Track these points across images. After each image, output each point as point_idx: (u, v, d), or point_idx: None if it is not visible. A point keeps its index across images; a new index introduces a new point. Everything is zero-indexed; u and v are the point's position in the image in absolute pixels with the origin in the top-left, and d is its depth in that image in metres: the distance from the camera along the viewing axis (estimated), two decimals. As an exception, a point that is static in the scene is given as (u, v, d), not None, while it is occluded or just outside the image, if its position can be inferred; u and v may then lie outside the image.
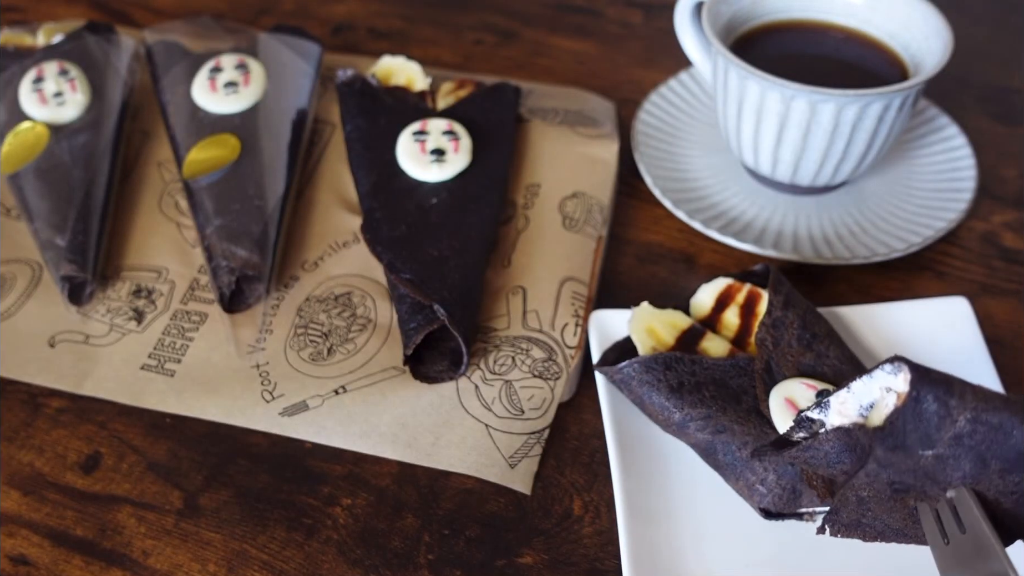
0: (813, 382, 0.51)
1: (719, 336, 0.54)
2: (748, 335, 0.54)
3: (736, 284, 0.56)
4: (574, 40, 0.80)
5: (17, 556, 0.51)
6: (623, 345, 0.55)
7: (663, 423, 0.52)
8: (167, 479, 0.53)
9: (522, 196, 0.64)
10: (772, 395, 0.51)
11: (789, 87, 0.58)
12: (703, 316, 0.56)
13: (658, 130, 0.70)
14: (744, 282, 0.56)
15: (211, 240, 0.60)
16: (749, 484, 0.50)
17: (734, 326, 0.55)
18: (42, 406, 0.57)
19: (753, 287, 0.56)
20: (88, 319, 0.59)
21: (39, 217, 0.61)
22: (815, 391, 0.51)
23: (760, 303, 0.55)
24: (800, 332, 0.53)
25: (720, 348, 0.53)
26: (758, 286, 0.56)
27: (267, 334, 0.58)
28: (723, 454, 0.50)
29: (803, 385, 0.51)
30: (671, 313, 0.55)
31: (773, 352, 0.52)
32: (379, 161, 0.64)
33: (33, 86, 0.66)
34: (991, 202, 0.67)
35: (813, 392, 0.51)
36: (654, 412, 0.52)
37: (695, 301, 0.56)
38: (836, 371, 0.52)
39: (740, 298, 0.55)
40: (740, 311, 0.55)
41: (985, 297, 0.62)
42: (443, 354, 0.56)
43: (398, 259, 0.57)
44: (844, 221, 0.65)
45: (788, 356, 0.52)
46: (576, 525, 0.52)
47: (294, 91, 0.68)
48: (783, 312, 0.54)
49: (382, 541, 0.51)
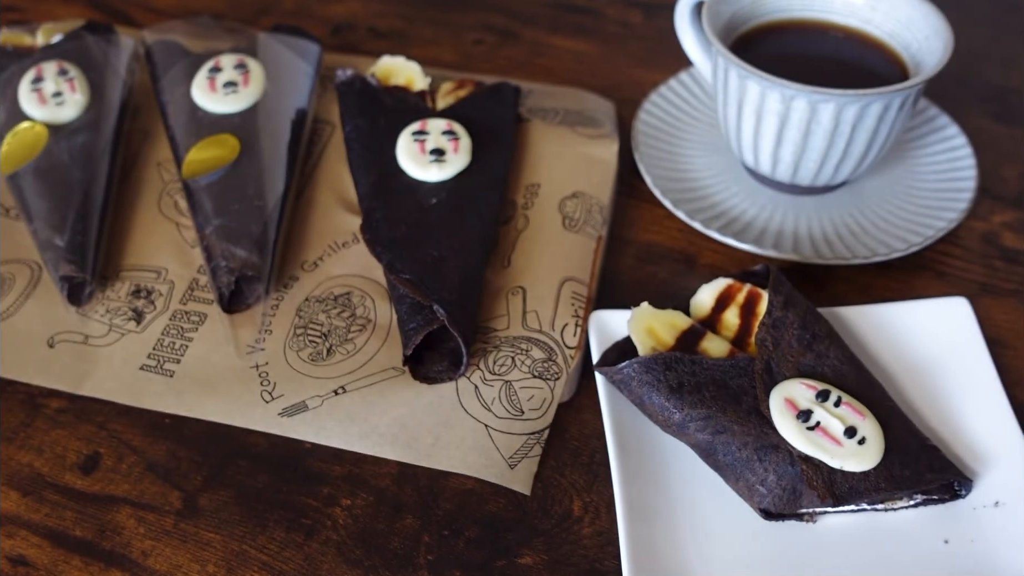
0: (813, 382, 0.51)
1: (719, 336, 0.54)
2: (748, 335, 0.54)
3: (736, 284, 0.56)
4: (574, 40, 0.80)
5: (16, 557, 0.50)
6: (623, 345, 0.55)
7: (663, 423, 0.52)
8: (166, 479, 0.53)
9: (522, 196, 0.64)
10: (772, 395, 0.51)
11: (789, 87, 0.58)
12: (703, 316, 0.55)
13: (658, 130, 0.70)
14: (744, 282, 0.56)
15: (210, 240, 0.60)
16: (749, 485, 0.49)
17: (734, 326, 0.55)
18: (41, 406, 0.56)
19: (753, 287, 0.56)
20: (87, 319, 0.59)
21: (38, 217, 0.61)
22: (815, 391, 0.50)
23: (760, 303, 0.55)
24: (800, 332, 0.53)
25: (720, 348, 0.53)
26: (758, 286, 0.56)
27: (266, 334, 0.58)
28: (723, 454, 0.50)
29: (803, 385, 0.51)
30: (671, 313, 0.55)
31: (773, 353, 0.52)
32: (379, 161, 0.64)
33: (32, 86, 0.66)
34: (991, 202, 0.67)
35: (813, 392, 0.50)
36: (654, 412, 0.52)
37: (695, 301, 0.56)
38: (836, 371, 0.52)
39: (740, 298, 0.55)
40: (740, 311, 0.55)
41: (985, 297, 0.62)
42: (443, 354, 0.56)
43: (398, 259, 0.57)
44: (844, 221, 0.65)
45: (788, 356, 0.52)
46: (576, 526, 0.51)
47: (294, 91, 0.68)
48: (783, 312, 0.54)
49: (382, 542, 0.51)
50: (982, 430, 0.53)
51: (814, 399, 0.50)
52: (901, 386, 0.55)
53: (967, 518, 0.50)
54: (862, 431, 0.49)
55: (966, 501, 0.50)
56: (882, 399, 0.52)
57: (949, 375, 0.55)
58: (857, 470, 0.49)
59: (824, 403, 0.50)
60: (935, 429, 0.53)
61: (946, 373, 0.55)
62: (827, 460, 0.49)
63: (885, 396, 0.53)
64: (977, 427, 0.53)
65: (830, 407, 0.50)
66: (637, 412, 0.53)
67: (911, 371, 0.56)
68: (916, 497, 0.50)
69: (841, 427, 0.49)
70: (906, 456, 0.50)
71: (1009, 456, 0.51)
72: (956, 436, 0.53)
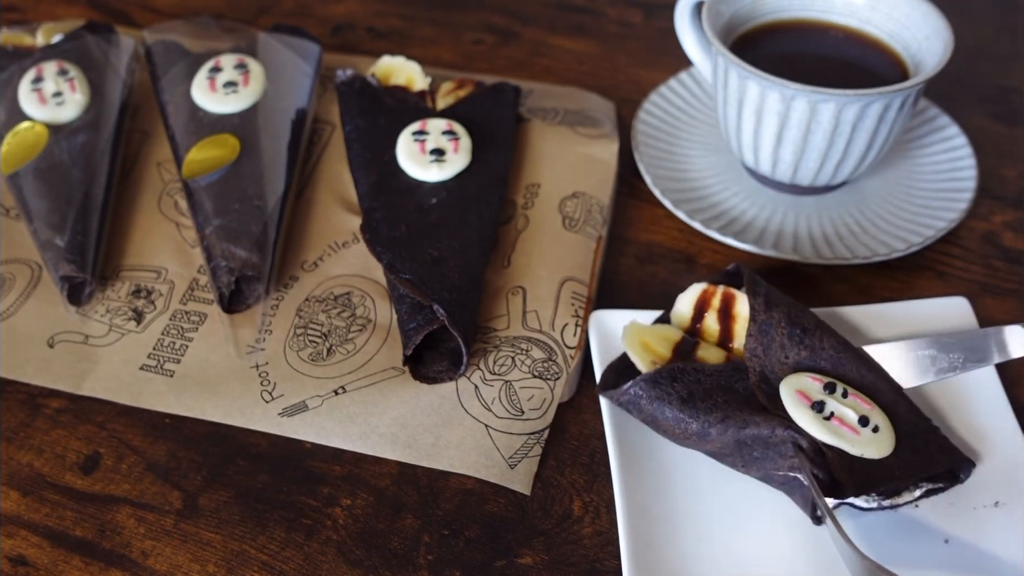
0: (818, 375, 0.51)
1: (710, 344, 0.54)
2: (730, 339, 0.54)
3: (710, 288, 0.55)
4: (574, 40, 0.80)
5: (16, 557, 0.50)
6: (619, 365, 0.55)
7: (680, 436, 0.51)
8: (166, 479, 0.53)
9: (522, 196, 0.64)
10: (782, 389, 0.51)
11: (789, 87, 0.58)
12: (686, 327, 0.55)
13: (658, 130, 0.70)
14: (718, 284, 0.55)
15: (210, 240, 0.60)
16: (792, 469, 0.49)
17: (716, 332, 0.55)
18: (41, 406, 0.56)
19: (727, 288, 0.55)
20: (87, 319, 0.59)
21: (38, 217, 0.61)
22: (822, 384, 0.51)
23: (735, 303, 0.54)
24: (790, 329, 0.53)
25: (716, 355, 0.53)
26: (732, 286, 0.55)
27: (266, 334, 0.58)
28: (756, 447, 0.49)
29: (808, 378, 0.51)
30: (660, 327, 0.55)
31: (765, 360, 0.52)
32: (379, 161, 0.64)
33: (32, 86, 0.66)
34: (991, 202, 0.67)
35: (820, 384, 0.51)
36: (669, 427, 0.51)
37: (675, 313, 0.56)
38: (834, 361, 0.52)
39: (716, 302, 0.55)
40: (718, 316, 0.55)
41: (985, 297, 0.62)
42: (443, 354, 0.56)
43: (398, 259, 0.57)
44: (844, 221, 0.65)
45: (782, 359, 0.52)
46: (576, 526, 0.51)
47: (293, 91, 0.68)
48: (767, 314, 0.53)
49: (382, 542, 0.51)
50: (982, 430, 0.53)
51: (822, 391, 0.50)
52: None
53: (967, 518, 0.50)
54: (873, 419, 0.50)
55: (967, 501, 0.50)
56: (883, 383, 0.53)
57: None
58: (876, 457, 0.49)
59: (832, 395, 0.50)
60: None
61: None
62: (848, 448, 0.49)
63: (886, 378, 0.53)
64: (977, 427, 0.53)
65: (839, 398, 0.50)
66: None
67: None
68: (922, 486, 0.50)
69: (855, 416, 0.50)
70: (915, 441, 0.50)
71: (1009, 456, 0.51)
72: (956, 435, 0.53)
